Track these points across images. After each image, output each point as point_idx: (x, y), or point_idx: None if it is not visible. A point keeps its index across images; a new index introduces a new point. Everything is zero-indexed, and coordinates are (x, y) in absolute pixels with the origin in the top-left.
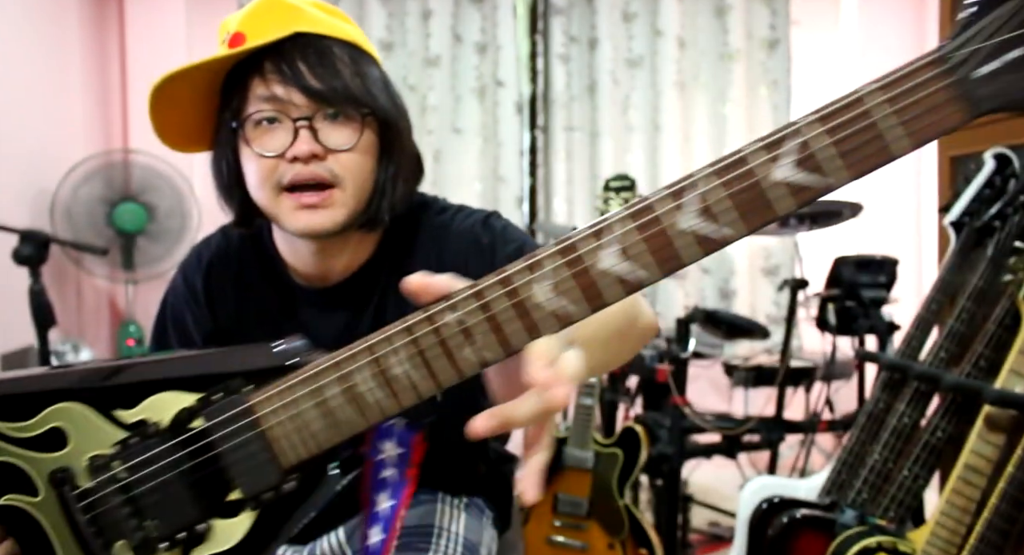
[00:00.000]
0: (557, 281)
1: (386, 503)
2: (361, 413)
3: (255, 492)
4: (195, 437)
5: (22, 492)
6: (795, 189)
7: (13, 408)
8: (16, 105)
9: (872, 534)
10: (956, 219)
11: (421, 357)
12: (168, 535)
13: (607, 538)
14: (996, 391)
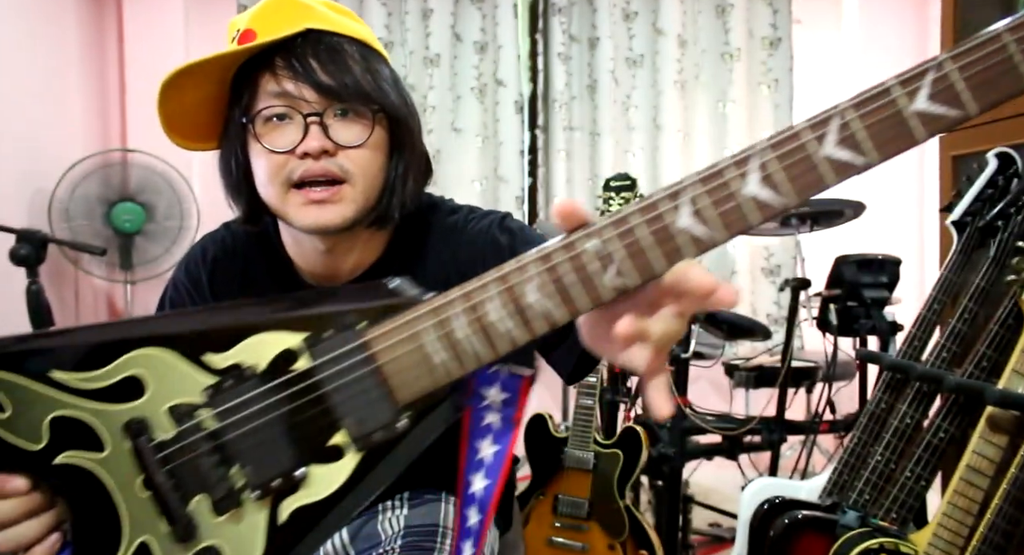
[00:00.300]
0: (699, 208)
1: (490, 449)
2: (490, 344)
3: (365, 431)
4: (299, 377)
5: (84, 448)
6: (928, 119)
7: (84, 357)
8: (14, 104)
9: (874, 535)
10: (958, 219)
11: (556, 285)
12: (260, 483)
13: (608, 539)
14: (998, 391)
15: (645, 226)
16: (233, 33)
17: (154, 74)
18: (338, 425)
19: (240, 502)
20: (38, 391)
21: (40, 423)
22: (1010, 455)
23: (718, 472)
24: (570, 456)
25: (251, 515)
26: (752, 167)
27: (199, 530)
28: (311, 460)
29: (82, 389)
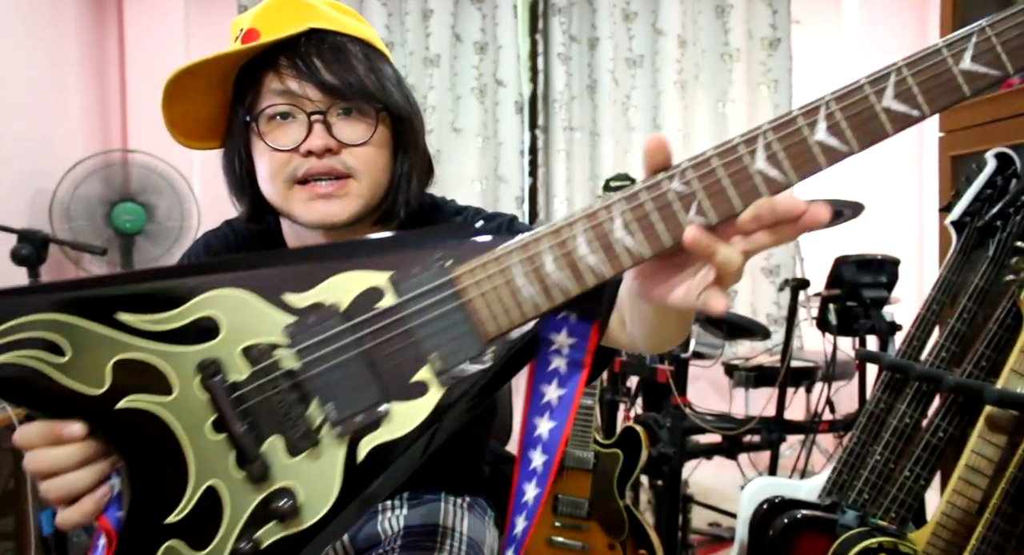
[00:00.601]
0: (773, 152)
1: (556, 392)
2: (577, 278)
3: (450, 365)
4: (384, 314)
5: (150, 392)
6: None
7: (155, 299)
8: (15, 104)
9: (873, 535)
10: (957, 219)
11: (641, 222)
12: (341, 419)
13: (607, 539)
14: (997, 391)
15: (723, 168)
16: (236, 32)
17: (155, 74)
18: (423, 360)
19: (318, 441)
20: (101, 333)
21: (102, 366)
22: (1009, 454)
23: (718, 472)
24: (570, 456)
25: (328, 454)
26: (820, 116)
27: (272, 471)
28: (393, 397)
29: (150, 331)
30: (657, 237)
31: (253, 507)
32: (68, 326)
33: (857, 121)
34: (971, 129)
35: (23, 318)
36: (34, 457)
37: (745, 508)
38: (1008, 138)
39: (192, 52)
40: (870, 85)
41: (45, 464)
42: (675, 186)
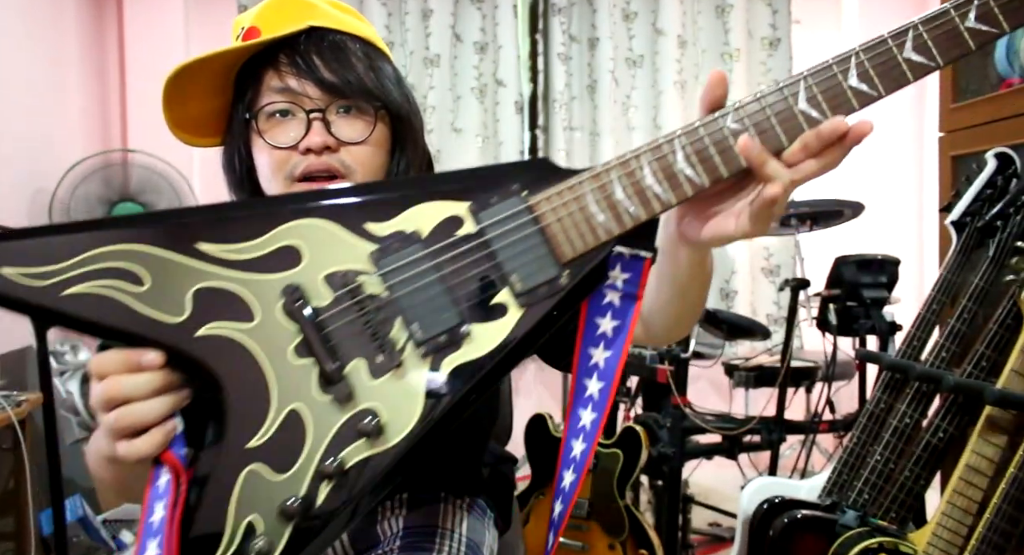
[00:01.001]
0: (812, 95)
1: (610, 324)
2: (645, 205)
3: (529, 287)
4: (465, 239)
5: (232, 319)
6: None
7: (236, 229)
8: (15, 104)
9: (873, 535)
10: (957, 219)
11: (700, 154)
12: (425, 339)
13: (607, 539)
14: (998, 391)
15: (769, 108)
16: (237, 31)
17: (155, 74)
18: (503, 283)
19: (401, 362)
20: (181, 263)
21: (182, 295)
22: (1009, 455)
23: (718, 472)
24: None
25: (410, 374)
26: (851, 65)
27: (356, 393)
28: (474, 318)
29: (231, 260)
30: (715, 168)
31: (337, 428)
32: (147, 256)
33: (883, 69)
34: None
35: (100, 249)
36: (107, 385)
37: (745, 508)
38: (1008, 138)
39: (192, 52)
40: (892, 39)
41: (118, 391)
42: (729, 123)
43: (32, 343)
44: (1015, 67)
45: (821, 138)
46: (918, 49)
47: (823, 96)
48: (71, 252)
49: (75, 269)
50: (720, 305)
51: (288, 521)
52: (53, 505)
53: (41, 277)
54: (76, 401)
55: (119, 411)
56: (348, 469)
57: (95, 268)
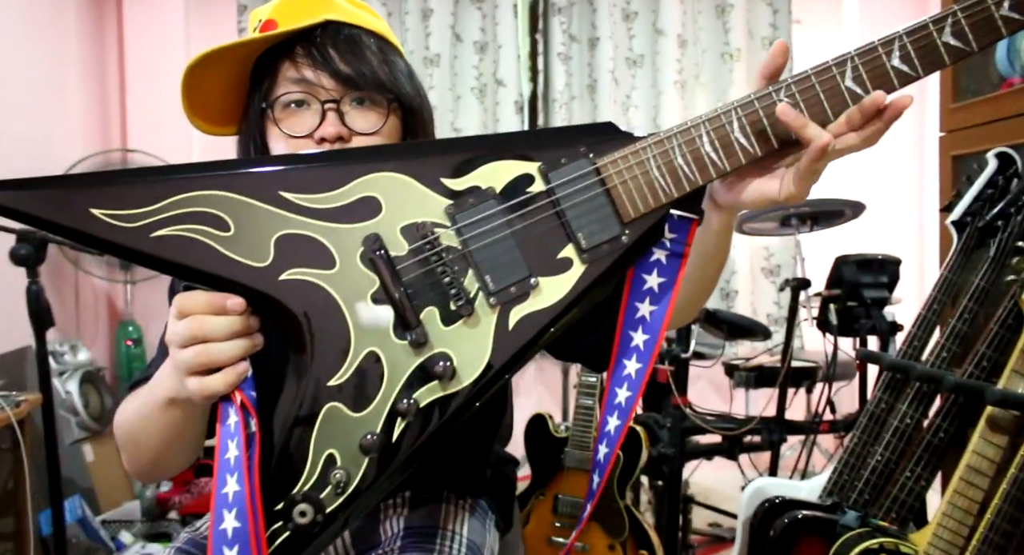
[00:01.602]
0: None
1: (656, 280)
2: (702, 170)
3: (594, 244)
4: (535, 197)
5: (313, 266)
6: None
7: (318, 180)
8: (15, 104)
9: (874, 535)
10: (958, 219)
11: (754, 126)
12: (497, 290)
13: (608, 539)
14: (999, 392)
15: (820, 85)
16: (255, 23)
17: (154, 74)
18: (569, 239)
19: (472, 310)
20: (266, 209)
21: (266, 241)
22: (1010, 455)
23: (718, 472)
24: (570, 456)
25: (481, 322)
26: (895, 47)
27: (430, 338)
28: (541, 271)
29: (313, 208)
30: (768, 138)
31: (411, 370)
32: (232, 202)
33: (923, 52)
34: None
35: (187, 194)
36: (190, 323)
37: (745, 508)
38: (1009, 138)
39: (192, 52)
40: (933, 24)
41: (200, 330)
42: (782, 97)
43: (31, 343)
44: (1016, 67)
45: (864, 112)
46: (956, 34)
47: (868, 75)
48: (159, 196)
49: (163, 212)
50: (720, 305)
51: (365, 455)
52: (52, 505)
53: (131, 219)
54: (75, 401)
55: (198, 348)
56: (422, 408)
57: (182, 212)
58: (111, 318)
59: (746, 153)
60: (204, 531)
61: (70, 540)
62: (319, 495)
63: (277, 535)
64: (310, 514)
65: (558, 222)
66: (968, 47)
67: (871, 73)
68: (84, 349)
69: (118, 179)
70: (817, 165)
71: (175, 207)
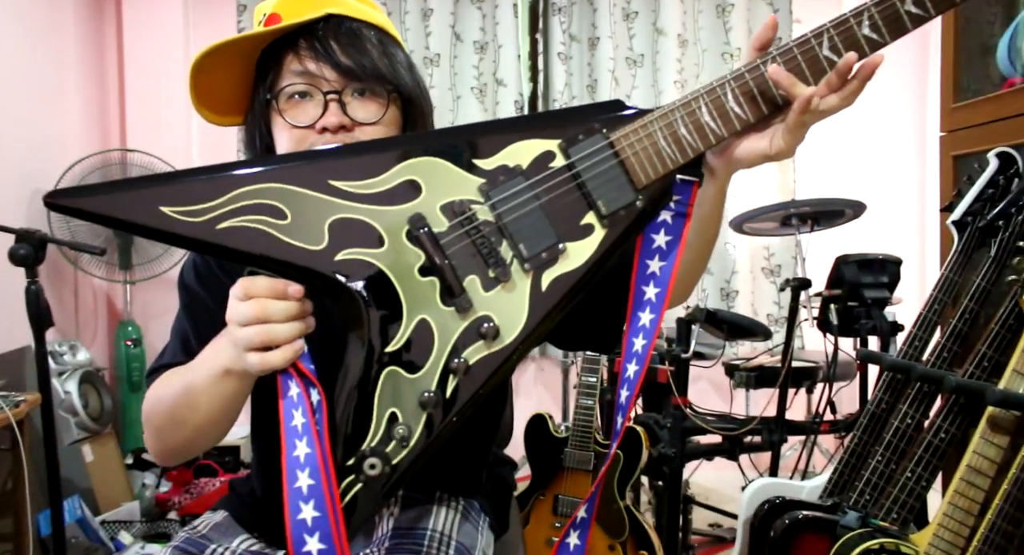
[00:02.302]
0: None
1: (663, 239)
2: (703, 137)
3: (612, 210)
4: (558, 171)
5: (364, 246)
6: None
7: (362, 167)
8: (13, 104)
9: (875, 536)
10: (959, 218)
11: (746, 95)
12: (530, 256)
13: (608, 539)
14: (999, 392)
15: (801, 55)
16: (259, 17)
17: (153, 75)
18: (590, 207)
19: (509, 275)
20: (318, 197)
21: (321, 226)
22: (1011, 455)
23: (718, 472)
24: (570, 456)
25: (517, 286)
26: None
27: (473, 303)
28: (567, 237)
29: (360, 194)
30: (758, 105)
31: (459, 332)
32: (287, 192)
33: (888, 20)
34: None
35: (246, 187)
36: (254, 304)
37: (746, 509)
38: (1010, 138)
39: (191, 53)
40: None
41: (263, 311)
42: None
43: (31, 343)
44: (1017, 66)
45: (839, 73)
46: (916, 3)
47: (842, 43)
48: (221, 191)
49: (226, 206)
50: (721, 305)
51: (423, 410)
52: (51, 506)
53: (197, 214)
54: (75, 401)
55: (259, 328)
56: (471, 366)
57: (243, 204)
58: (110, 318)
59: (740, 119)
60: (202, 530)
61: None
62: (385, 449)
63: (351, 487)
64: (379, 466)
65: (579, 192)
66: (927, 13)
67: (845, 41)
68: (83, 349)
69: (183, 178)
70: (803, 118)
71: (236, 200)
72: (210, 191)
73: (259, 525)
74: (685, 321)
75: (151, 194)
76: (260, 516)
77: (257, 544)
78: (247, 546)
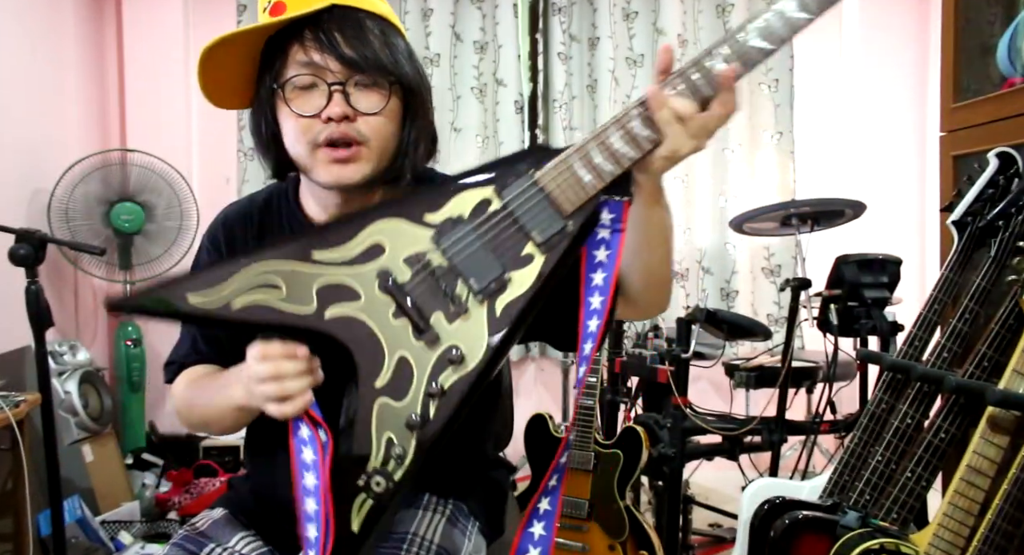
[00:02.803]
0: (728, 54)
1: (604, 253)
2: (616, 162)
3: (546, 237)
4: (495, 214)
5: (347, 301)
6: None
7: (336, 238)
8: (13, 104)
9: (875, 536)
10: (959, 218)
11: (648, 120)
12: (481, 289)
13: (608, 540)
14: (999, 392)
15: (699, 75)
16: (264, 4)
17: (153, 75)
18: (527, 238)
19: (466, 308)
20: (305, 270)
21: (310, 292)
22: (1011, 455)
23: (718, 472)
24: (570, 456)
25: (474, 315)
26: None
27: (440, 336)
28: (511, 267)
29: (338, 260)
30: (660, 130)
31: (433, 362)
32: (280, 269)
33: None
34: (973, 128)
35: (247, 268)
36: (271, 366)
37: (746, 509)
38: (1010, 138)
39: (191, 53)
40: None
41: (278, 370)
42: (667, 91)
43: (31, 343)
44: (1017, 66)
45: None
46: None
47: (736, 54)
48: (225, 276)
49: (233, 286)
50: (721, 305)
51: (412, 431)
52: (51, 506)
53: (214, 299)
54: (74, 401)
55: (277, 384)
56: (447, 389)
57: (246, 285)
58: (110, 318)
59: (650, 141)
60: (201, 527)
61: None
62: (387, 468)
63: (364, 504)
64: (384, 483)
65: (516, 227)
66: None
67: (736, 51)
68: (83, 349)
69: (200, 271)
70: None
71: (241, 281)
72: (218, 276)
73: (257, 523)
74: (685, 321)
75: (178, 287)
76: (258, 514)
77: (255, 542)
78: (245, 544)
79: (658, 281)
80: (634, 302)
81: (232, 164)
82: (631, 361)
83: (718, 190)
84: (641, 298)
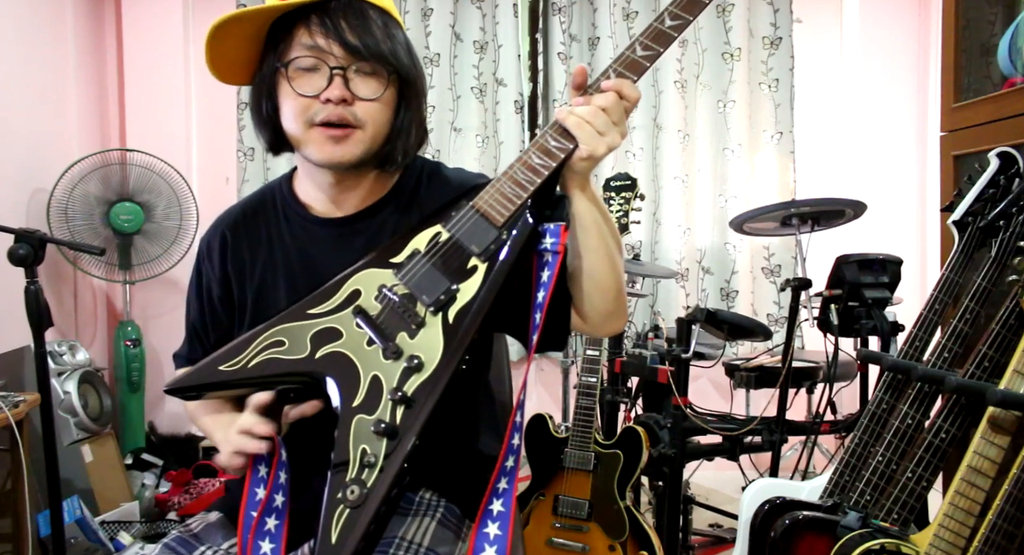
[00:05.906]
0: (644, 52)
1: (546, 273)
2: (536, 173)
3: (484, 248)
4: (444, 242)
5: (333, 340)
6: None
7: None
8: (13, 104)
9: (875, 536)
10: (960, 218)
11: (561, 132)
12: (433, 302)
13: (608, 540)
14: (1000, 392)
15: (606, 99)
16: None
17: (153, 75)
18: (469, 253)
19: (424, 322)
20: (302, 325)
21: (305, 340)
22: (1011, 456)
23: (719, 473)
24: (570, 457)
25: (431, 326)
26: (658, 26)
27: (403, 351)
28: (458, 280)
29: (326, 311)
30: (572, 138)
31: (399, 374)
32: (283, 329)
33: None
34: (973, 128)
35: (260, 337)
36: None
37: (746, 509)
38: (1011, 137)
39: (192, 52)
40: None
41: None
42: (579, 111)
43: (30, 343)
44: (1017, 66)
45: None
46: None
47: (653, 43)
48: (245, 345)
49: (250, 352)
50: (721, 305)
51: (382, 437)
52: (51, 506)
53: (237, 364)
54: (74, 402)
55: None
56: (410, 395)
57: (259, 347)
58: (110, 318)
59: (563, 150)
60: (195, 529)
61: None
62: (361, 476)
63: (341, 515)
64: (356, 490)
65: (459, 247)
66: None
67: (656, 40)
68: (83, 349)
69: (232, 345)
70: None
71: (255, 346)
72: (239, 347)
73: None
74: (685, 321)
75: (213, 363)
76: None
77: None
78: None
79: (603, 290)
80: (585, 315)
81: (232, 164)
82: (631, 361)
83: (718, 190)
84: (590, 309)
